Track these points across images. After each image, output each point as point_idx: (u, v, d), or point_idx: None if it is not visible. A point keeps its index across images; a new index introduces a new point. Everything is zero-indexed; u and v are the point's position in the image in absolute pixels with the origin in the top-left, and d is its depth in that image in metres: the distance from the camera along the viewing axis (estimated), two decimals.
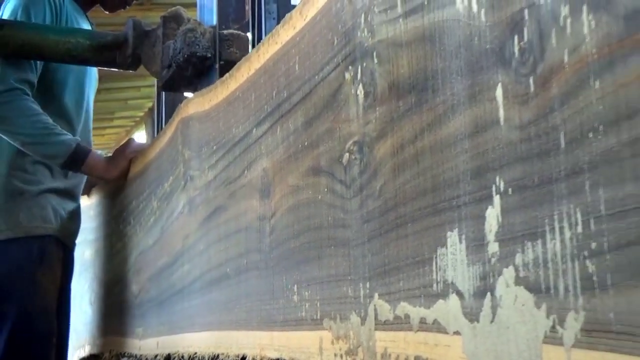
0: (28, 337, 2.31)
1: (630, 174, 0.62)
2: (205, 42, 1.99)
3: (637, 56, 0.61)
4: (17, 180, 2.35)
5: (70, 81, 2.47)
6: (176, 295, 1.91)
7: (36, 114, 2.27)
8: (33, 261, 2.35)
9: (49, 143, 2.28)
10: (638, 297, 0.61)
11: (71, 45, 2.22)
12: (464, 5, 0.84)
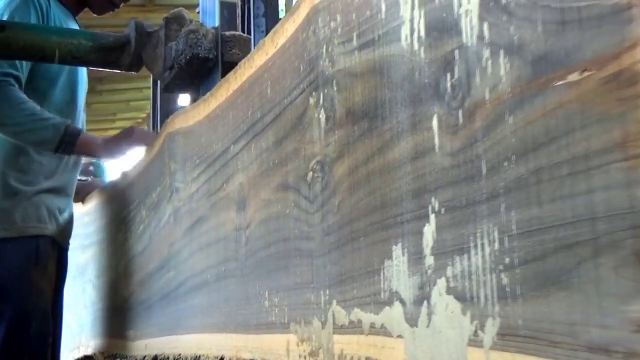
0: (24, 337, 2.31)
1: (534, 199, 0.70)
2: (207, 44, 1.97)
3: (541, 97, 0.70)
4: (12, 180, 2.35)
5: (61, 80, 2.46)
6: (163, 299, 1.98)
7: (22, 101, 2.24)
8: (28, 261, 2.35)
9: (39, 128, 2.25)
10: (540, 306, 0.69)
11: (73, 46, 2.18)
12: (407, 43, 0.92)
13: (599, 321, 0.63)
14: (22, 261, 2.34)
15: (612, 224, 0.62)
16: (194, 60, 1.96)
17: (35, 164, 2.39)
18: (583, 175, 0.65)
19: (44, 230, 2.40)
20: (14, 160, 2.36)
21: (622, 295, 0.61)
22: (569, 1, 0.67)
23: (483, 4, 0.78)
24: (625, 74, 0.61)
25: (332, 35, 1.11)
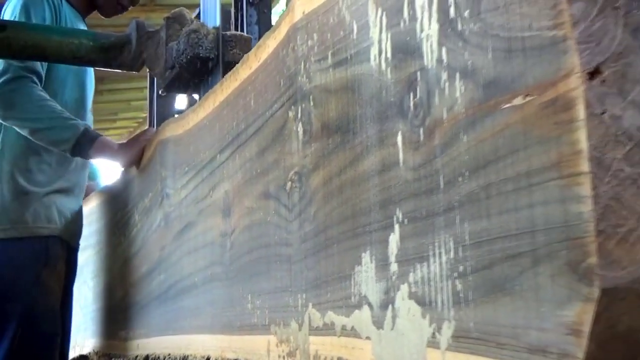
0: (33, 336, 2.30)
1: (484, 212, 0.75)
2: (208, 43, 1.95)
3: (491, 118, 0.75)
4: (23, 180, 2.35)
5: (70, 80, 2.46)
6: (154, 301, 2.03)
7: (44, 99, 2.25)
8: (38, 261, 2.35)
9: (58, 127, 2.25)
10: (488, 311, 0.74)
11: (74, 46, 2.16)
12: (375, 63, 0.97)
13: (537, 325, 0.68)
14: (32, 261, 2.34)
15: (549, 236, 0.67)
16: (195, 60, 1.95)
17: (45, 164, 2.40)
18: (525, 192, 0.70)
19: (54, 231, 2.40)
20: (24, 161, 2.36)
21: (557, 302, 0.66)
22: (514, 31, 0.72)
23: (442, 30, 0.84)
24: (561, 100, 0.66)
25: (310, 53, 1.17)
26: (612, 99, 0.66)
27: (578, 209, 0.64)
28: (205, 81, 2.04)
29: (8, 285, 2.31)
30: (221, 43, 1.97)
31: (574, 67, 0.66)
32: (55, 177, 2.43)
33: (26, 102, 2.23)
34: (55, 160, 2.41)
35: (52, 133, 2.26)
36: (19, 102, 2.22)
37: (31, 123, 2.25)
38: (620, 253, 0.64)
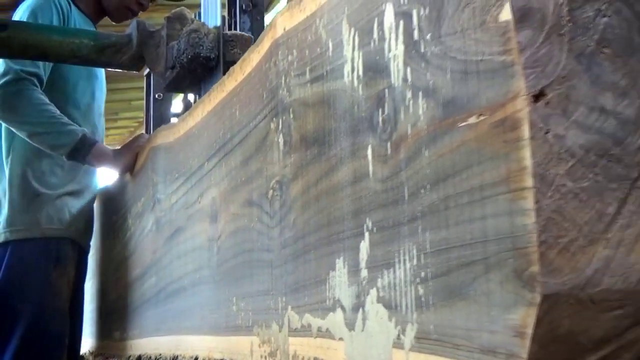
0: (41, 336, 2.32)
1: (443, 223, 0.80)
2: (209, 43, 1.94)
3: (449, 135, 0.80)
4: (35, 182, 2.38)
5: (81, 84, 2.50)
6: (146, 303, 2.08)
7: (44, 103, 2.27)
8: (48, 262, 2.37)
9: (56, 132, 2.28)
10: (446, 314, 0.79)
11: (75, 46, 2.14)
12: (349, 80, 1.02)
13: (488, 327, 0.73)
14: (43, 262, 2.37)
15: (499, 246, 0.72)
16: (195, 60, 1.94)
17: (57, 167, 2.43)
18: (478, 204, 0.75)
19: (65, 232, 2.44)
20: (36, 164, 2.39)
21: (505, 306, 0.71)
22: (470, 55, 0.77)
23: (407, 51, 0.89)
24: (509, 120, 0.72)
25: (290, 68, 1.22)
26: (556, 119, 0.71)
27: (523, 221, 0.69)
28: (206, 81, 2.02)
29: (19, 285, 2.33)
30: (222, 42, 1.97)
31: (520, 90, 0.71)
32: (67, 179, 2.46)
33: (26, 105, 2.25)
34: (67, 163, 2.44)
35: (50, 137, 2.29)
36: (19, 105, 2.25)
37: (30, 126, 2.28)
38: (561, 262, 0.69)
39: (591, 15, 0.76)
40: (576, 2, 0.76)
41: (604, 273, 0.71)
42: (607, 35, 0.77)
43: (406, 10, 0.89)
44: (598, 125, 0.74)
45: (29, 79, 2.27)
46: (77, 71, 2.47)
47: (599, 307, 0.72)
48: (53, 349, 2.38)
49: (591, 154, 0.73)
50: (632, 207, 0.74)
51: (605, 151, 0.74)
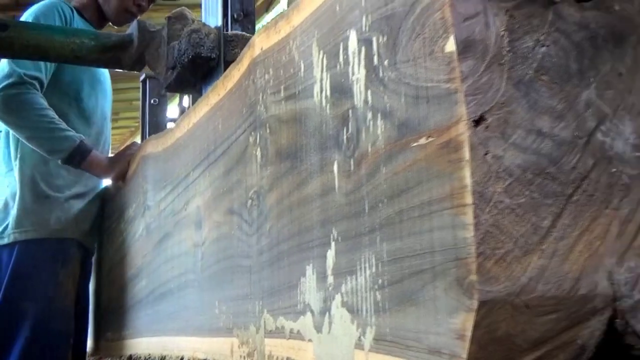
0: (47, 335, 2.37)
1: (398, 234, 0.87)
2: (209, 43, 1.92)
3: (403, 154, 0.86)
4: (43, 185, 2.43)
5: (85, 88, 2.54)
6: (136, 305, 2.14)
7: (43, 107, 2.30)
8: (56, 262, 2.43)
9: (54, 137, 2.32)
10: (400, 318, 0.86)
11: (76, 46, 2.12)
12: (318, 99, 1.09)
13: (434, 330, 0.79)
14: (50, 262, 2.42)
15: (444, 256, 0.78)
16: (196, 60, 1.92)
17: (64, 170, 2.48)
18: (427, 218, 0.81)
19: (72, 233, 2.49)
20: (44, 167, 2.45)
21: (448, 311, 0.77)
22: (421, 81, 0.84)
23: (368, 75, 0.95)
24: (453, 142, 0.78)
25: (266, 86, 1.28)
26: (494, 141, 0.78)
27: (464, 235, 0.75)
28: (207, 81, 2.01)
29: (26, 284, 2.37)
30: (222, 43, 1.95)
31: (462, 115, 0.77)
32: (73, 182, 2.52)
33: (26, 109, 2.29)
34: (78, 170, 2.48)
35: (48, 142, 2.34)
36: (20, 108, 2.28)
37: (29, 130, 2.32)
38: (497, 271, 0.75)
39: (530, 45, 0.83)
40: (516, 33, 0.83)
41: (538, 281, 0.78)
42: (545, 64, 0.83)
43: (367, 37, 0.95)
44: (535, 147, 0.80)
45: (31, 83, 2.30)
46: (80, 77, 2.51)
47: (533, 312, 0.78)
48: (58, 348, 2.42)
49: (528, 173, 0.79)
50: (567, 221, 0.81)
51: (541, 170, 0.80)
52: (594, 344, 0.84)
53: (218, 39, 1.95)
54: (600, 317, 0.83)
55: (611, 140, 0.86)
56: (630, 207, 0.86)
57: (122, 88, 8.21)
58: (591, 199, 0.83)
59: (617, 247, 0.84)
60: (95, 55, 2.18)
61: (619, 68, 0.89)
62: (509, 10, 0.83)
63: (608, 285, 0.83)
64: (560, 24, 0.86)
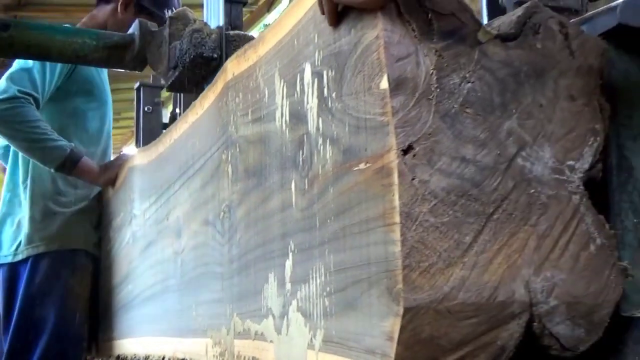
0: (63, 340, 2.46)
1: (342, 247, 0.96)
2: (211, 43, 1.89)
3: (347, 177, 0.96)
4: (52, 203, 2.53)
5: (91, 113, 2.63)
6: (123, 308, 2.23)
7: (35, 119, 2.37)
8: (66, 272, 2.52)
9: (46, 147, 2.39)
10: (343, 322, 0.95)
11: (78, 45, 2.07)
12: (280, 123, 1.18)
13: (370, 333, 0.89)
14: (62, 271, 2.52)
15: (377, 268, 0.88)
16: (198, 60, 1.88)
17: (70, 187, 2.58)
18: (365, 234, 0.91)
19: (80, 245, 2.59)
20: (53, 186, 2.54)
21: (381, 316, 0.87)
22: (361, 113, 0.93)
23: (319, 104, 1.05)
24: (385, 169, 0.87)
25: (237, 108, 1.37)
26: (421, 168, 0.87)
27: (393, 249, 0.85)
28: (209, 81, 1.90)
29: (42, 294, 2.47)
30: (224, 43, 1.92)
31: (392, 145, 0.86)
32: (80, 198, 2.62)
33: (18, 121, 2.35)
34: (81, 183, 2.60)
35: (41, 152, 2.42)
36: (13, 121, 2.35)
37: (24, 141, 2.40)
38: (422, 281, 0.85)
39: (457, 82, 0.93)
40: (444, 71, 0.92)
41: (459, 289, 0.87)
42: (470, 98, 0.93)
43: (319, 70, 1.05)
44: (459, 172, 0.90)
45: (25, 98, 2.38)
46: (88, 102, 2.62)
47: (455, 317, 0.87)
48: (73, 351, 2.52)
49: (452, 195, 0.89)
50: (487, 237, 0.90)
51: (464, 192, 0.90)
52: (513, 345, 0.93)
53: (220, 39, 1.93)
54: (519, 320, 0.93)
55: (531, 164, 0.96)
56: (547, 224, 0.96)
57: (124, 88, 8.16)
58: (510, 217, 0.93)
59: (535, 259, 0.94)
60: (97, 55, 2.13)
61: (540, 100, 0.99)
62: (438, 50, 0.92)
63: (525, 293, 0.93)
64: (486, 61, 0.95)
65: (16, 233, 2.54)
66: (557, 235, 0.96)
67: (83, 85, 2.65)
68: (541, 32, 1.01)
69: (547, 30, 1.02)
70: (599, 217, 1.00)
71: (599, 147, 1.03)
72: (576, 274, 0.97)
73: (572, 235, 0.97)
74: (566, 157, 0.99)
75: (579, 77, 1.03)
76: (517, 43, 0.99)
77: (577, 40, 1.04)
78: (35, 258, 2.50)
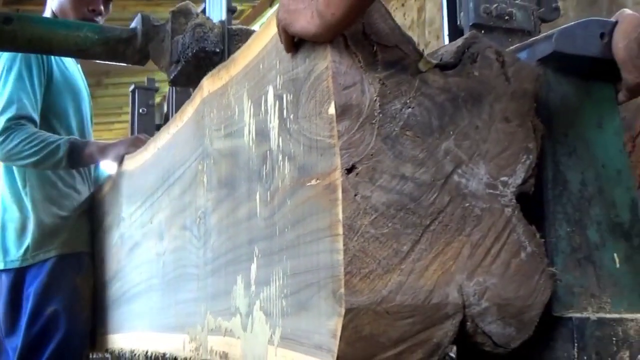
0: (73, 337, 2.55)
1: (296, 254, 1.05)
2: (214, 37, 1.87)
3: (301, 191, 1.05)
4: (55, 207, 2.59)
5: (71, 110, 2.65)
6: (113, 304, 2.33)
7: (32, 134, 2.42)
8: (74, 272, 2.60)
9: (50, 153, 2.42)
10: (297, 321, 1.04)
11: (80, 39, 2.05)
12: (247, 139, 1.27)
13: (318, 331, 0.98)
14: (70, 273, 2.60)
15: (325, 273, 0.97)
16: (200, 54, 1.87)
17: (74, 191, 2.67)
18: (315, 243, 1.00)
19: (84, 248, 2.68)
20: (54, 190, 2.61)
21: (327, 316, 0.96)
22: (313, 135, 1.02)
23: (280, 124, 1.14)
24: (331, 185, 0.96)
25: (211, 123, 1.46)
26: (363, 185, 0.96)
27: (337, 257, 0.94)
28: None
29: (52, 294, 2.55)
30: (227, 37, 1.91)
31: (338, 165, 0.96)
32: (82, 201, 2.70)
33: (21, 143, 2.41)
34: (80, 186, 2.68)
35: (47, 160, 2.45)
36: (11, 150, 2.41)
37: (30, 159, 2.44)
38: (362, 286, 0.94)
39: (398, 107, 1.02)
40: (387, 98, 1.01)
41: (397, 293, 0.96)
42: (410, 122, 1.02)
43: (280, 93, 1.14)
44: (398, 188, 0.99)
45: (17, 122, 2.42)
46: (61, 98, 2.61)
47: (393, 317, 0.97)
48: (81, 348, 2.60)
49: (391, 209, 0.98)
50: (423, 246, 1.00)
51: (403, 206, 0.99)
52: (447, 342, 1.03)
53: (222, 33, 1.91)
54: (452, 320, 1.02)
55: (466, 180, 1.05)
56: (481, 234, 1.05)
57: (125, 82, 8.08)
58: (446, 228, 1.02)
59: (468, 266, 1.03)
60: (99, 49, 2.11)
61: (476, 122, 1.08)
62: (381, 79, 1.01)
63: (458, 296, 1.02)
64: (425, 89, 1.04)
65: (22, 238, 2.59)
66: (490, 244, 1.06)
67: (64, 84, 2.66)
68: (479, 60, 1.10)
69: (484, 58, 1.11)
70: (530, 227, 1.10)
71: (532, 164, 1.13)
72: (507, 279, 1.06)
73: (504, 244, 1.07)
74: (500, 173, 1.09)
75: (513, 100, 1.12)
76: (456, 71, 1.08)
77: (513, 67, 1.13)
78: (44, 262, 2.57)
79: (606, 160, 1.23)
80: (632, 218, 1.24)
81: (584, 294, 1.16)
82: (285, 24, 1.03)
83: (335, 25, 0.95)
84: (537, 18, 1.68)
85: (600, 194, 1.22)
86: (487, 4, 1.54)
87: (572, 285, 1.15)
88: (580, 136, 1.22)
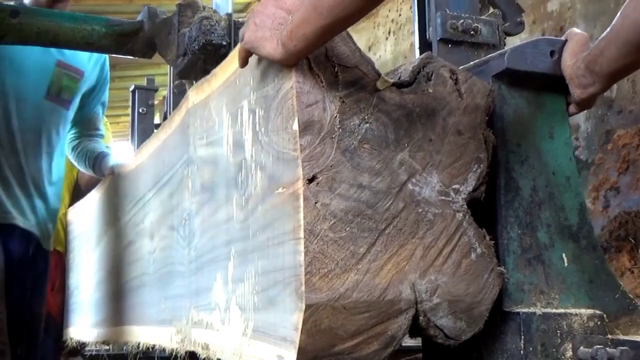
0: None
1: (266, 255, 1.14)
2: (220, 30, 1.85)
3: (271, 198, 1.13)
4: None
5: None
6: (110, 298, 2.42)
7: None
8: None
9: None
10: (266, 315, 1.13)
11: (87, 32, 2.02)
12: (226, 148, 1.36)
13: (283, 324, 1.07)
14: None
15: (290, 272, 1.05)
16: (207, 47, 1.84)
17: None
18: (281, 245, 1.09)
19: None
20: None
21: (290, 311, 1.05)
22: (280, 147, 1.11)
23: (253, 137, 1.22)
24: (295, 194, 1.05)
25: (196, 132, 1.55)
26: (324, 193, 1.05)
27: (299, 258, 1.03)
28: None
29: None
30: (233, 30, 1.88)
31: (300, 175, 1.04)
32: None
33: None
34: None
35: None
36: None
37: None
38: (321, 284, 1.02)
39: (357, 123, 1.10)
40: (346, 114, 1.10)
41: (353, 290, 1.05)
42: (367, 136, 1.11)
43: (253, 108, 1.23)
44: (356, 196, 1.08)
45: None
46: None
47: (350, 312, 1.05)
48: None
49: (349, 215, 1.07)
50: (379, 248, 1.08)
51: (360, 212, 1.07)
52: (402, 335, 1.11)
53: (229, 26, 1.88)
54: (406, 315, 1.11)
55: (420, 188, 1.14)
56: (433, 237, 1.14)
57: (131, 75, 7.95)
58: (400, 231, 1.11)
59: (421, 266, 1.12)
60: (106, 42, 2.08)
61: (429, 135, 1.17)
62: (342, 97, 1.10)
63: (411, 292, 1.11)
64: (382, 105, 1.13)
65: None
66: (442, 246, 1.14)
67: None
68: (433, 78, 1.19)
69: (438, 76, 1.19)
70: (480, 230, 1.18)
71: (483, 172, 1.21)
72: (457, 277, 1.15)
73: (455, 246, 1.15)
74: (452, 181, 1.17)
75: (466, 115, 1.21)
76: (412, 89, 1.17)
77: (466, 84, 1.22)
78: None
79: (556, 168, 1.32)
80: (581, 221, 1.32)
81: (533, 291, 1.25)
82: (252, 47, 1.12)
83: (297, 54, 1.04)
84: (503, 32, 1.77)
85: (551, 199, 1.30)
86: (454, 20, 1.63)
87: (522, 282, 1.24)
88: (533, 146, 1.30)
